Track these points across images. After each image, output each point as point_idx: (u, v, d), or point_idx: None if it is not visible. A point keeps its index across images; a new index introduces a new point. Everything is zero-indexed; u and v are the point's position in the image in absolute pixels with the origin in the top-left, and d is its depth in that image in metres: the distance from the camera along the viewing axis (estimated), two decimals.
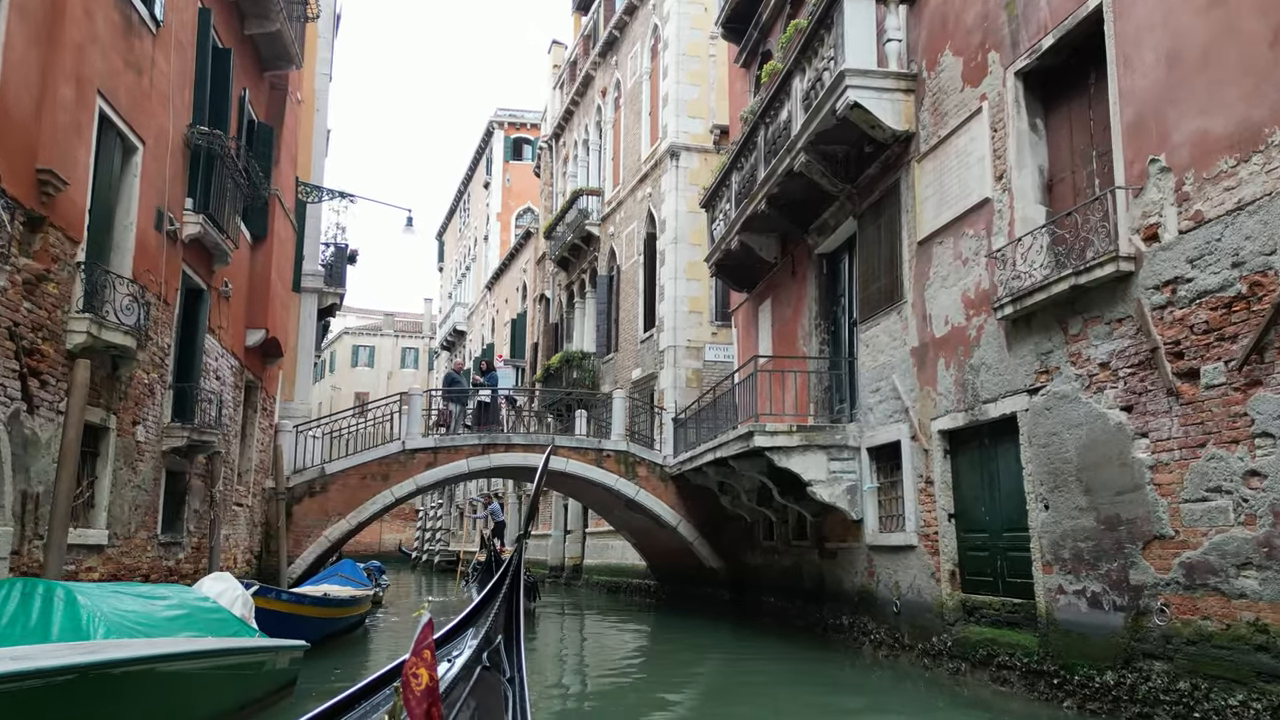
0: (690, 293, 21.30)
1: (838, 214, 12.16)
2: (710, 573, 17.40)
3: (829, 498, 11.03)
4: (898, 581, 10.07)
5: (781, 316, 14.51)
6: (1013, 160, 8.23)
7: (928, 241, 9.66)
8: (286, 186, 15.31)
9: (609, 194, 26.61)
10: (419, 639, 2.96)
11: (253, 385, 14.65)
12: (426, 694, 2.89)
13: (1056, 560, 7.40)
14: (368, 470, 16.59)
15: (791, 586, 13.70)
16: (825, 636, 12.06)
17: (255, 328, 13.80)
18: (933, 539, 9.36)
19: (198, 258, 11.10)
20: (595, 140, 28.38)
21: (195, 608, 6.45)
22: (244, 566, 14.43)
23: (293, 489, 16.17)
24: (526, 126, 45.27)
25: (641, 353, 22.84)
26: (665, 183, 21.96)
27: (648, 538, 19.48)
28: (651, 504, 17.27)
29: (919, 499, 9.66)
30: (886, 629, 10.26)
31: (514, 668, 4.51)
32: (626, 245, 24.61)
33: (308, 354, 18.83)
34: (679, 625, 16.62)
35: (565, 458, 17.20)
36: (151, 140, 9.53)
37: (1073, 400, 7.27)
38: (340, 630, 12.34)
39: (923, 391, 9.67)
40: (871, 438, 10.83)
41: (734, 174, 14.86)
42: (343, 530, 16.29)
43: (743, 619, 15.87)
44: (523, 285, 37.10)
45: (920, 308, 9.78)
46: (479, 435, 17.28)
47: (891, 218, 10.55)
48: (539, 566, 29.37)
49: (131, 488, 9.30)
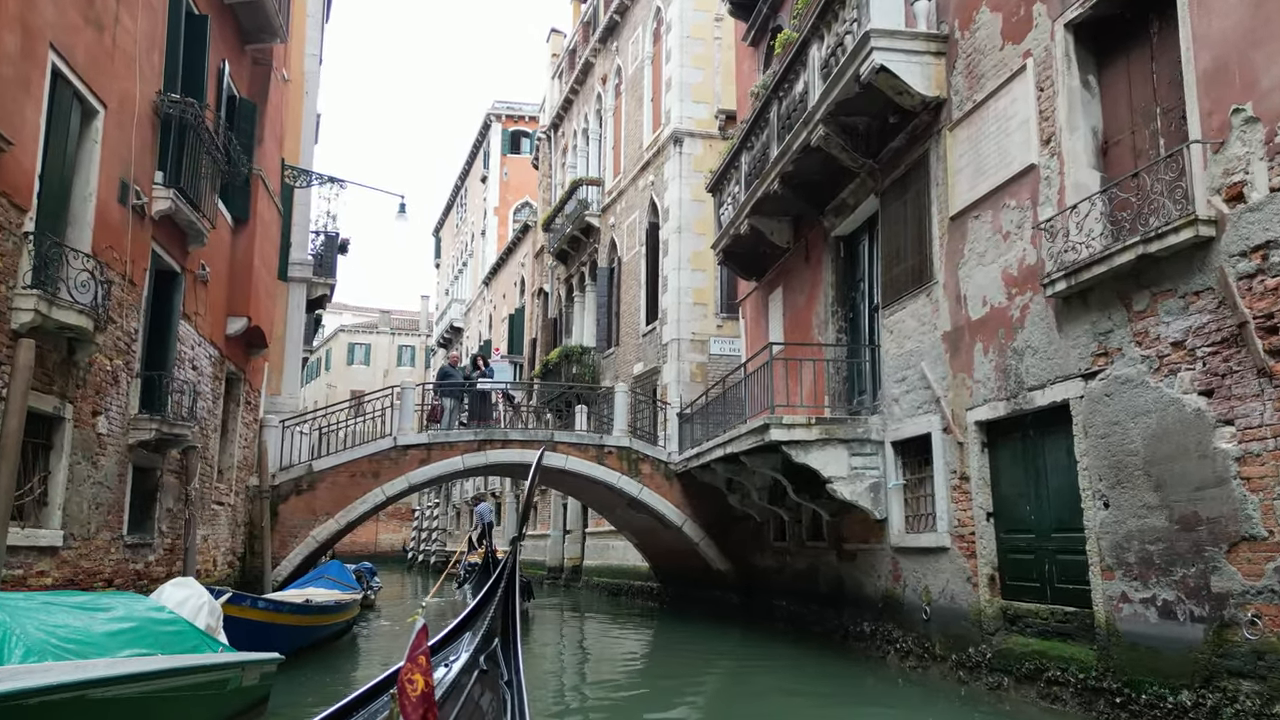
0: (695, 284, 20.50)
1: (857, 192, 11.36)
2: (717, 575, 16.61)
3: (850, 496, 10.24)
4: (927, 586, 9.28)
5: (794, 305, 13.71)
6: (1063, 121, 7.43)
7: (962, 216, 8.86)
8: (271, 168, 14.50)
9: (609, 184, 25.82)
10: (413, 645, 2.98)
11: (235, 377, 13.85)
12: (422, 700, 2.90)
13: (1119, 564, 6.60)
14: (357, 467, 15.77)
15: (806, 590, 12.91)
16: (845, 644, 11.27)
17: (236, 315, 12.99)
18: (969, 540, 8.56)
19: (170, 237, 10.29)
20: (595, 129, 27.58)
21: (146, 620, 5.64)
22: (225, 569, 13.63)
23: (278, 487, 15.37)
24: (524, 119, 44.49)
25: (643, 347, 22.04)
26: (668, 170, 21.16)
27: (651, 538, 18.68)
28: (655, 503, 16.46)
29: (952, 497, 8.87)
30: (915, 637, 9.46)
31: (511, 670, 4.49)
32: (628, 236, 23.81)
33: (296, 346, 18.02)
34: (685, 630, 15.83)
35: (565, 454, 16.40)
36: (115, 105, 8.72)
37: (1138, 385, 6.47)
38: (325, 638, 11.53)
39: (956, 379, 8.87)
40: (897, 431, 10.03)
41: (743, 154, 14.07)
42: (331, 530, 15.48)
43: (752, 624, 15.07)
44: (520, 280, 36.31)
45: (953, 288, 8.98)
46: (475, 431, 16.47)
47: (919, 193, 9.76)
48: (537, 567, 28.57)
49: (92, 484, 8.49)
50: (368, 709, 3.75)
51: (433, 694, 3.00)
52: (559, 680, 11.31)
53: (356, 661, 11.59)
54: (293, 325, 17.94)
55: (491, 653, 4.54)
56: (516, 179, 44.21)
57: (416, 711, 2.90)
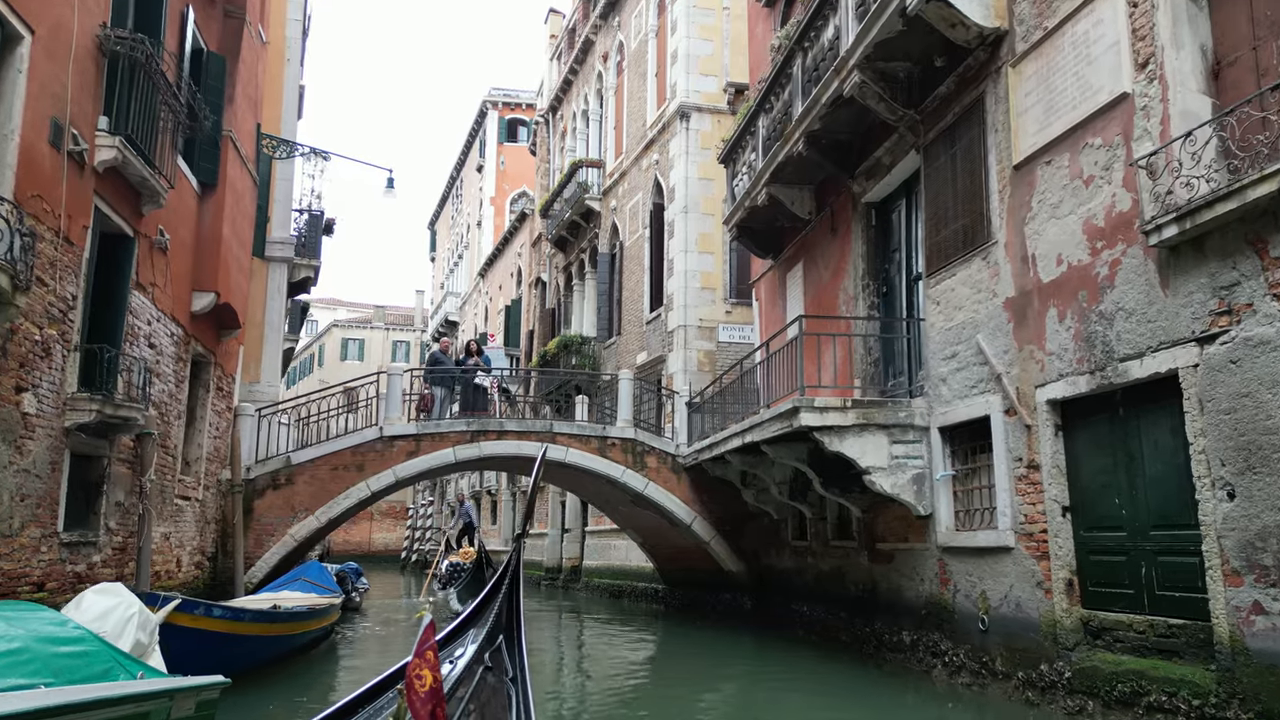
0: (702, 267, 19.29)
1: (894, 150, 10.15)
2: (728, 577, 15.39)
3: (890, 489, 9.02)
4: (984, 592, 8.07)
5: (817, 282, 12.50)
6: (1165, 39, 6.23)
7: (1029, 164, 7.66)
8: (244, 132, 13.25)
9: (611, 165, 24.60)
10: (421, 641, 3.03)
11: (203, 360, 12.62)
12: (430, 696, 2.95)
13: (1250, 568, 5.40)
14: (340, 460, 14.54)
15: (831, 594, 11.70)
16: (878, 655, 10.07)
17: (203, 290, 11.74)
18: (1038, 539, 7.36)
19: (120, 195, 9.05)
20: (595, 110, 26.37)
21: (37, 639, 4.42)
22: (192, 571, 12.40)
23: (253, 481, 14.14)
24: (522, 107, 43.30)
25: (647, 335, 20.82)
26: (674, 147, 19.95)
27: (656, 537, 17.45)
28: (662, 499, 15.24)
29: (1017, 489, 7.66)
30: (968, 650, 8.25)
31: (516, 667, 4.51)
32: (630, 219, 22.60)
33: (276, 331, 16.76)
34: (692, 635, 14.63)
35: (565, 446, 15.17)
36: (45, 32, 7.47)
37: (1277, 348, 5.27)
38: (298, 647, 10.30)
39: (1023, 352, 7.66)
40: (945, 414, 8.82)
41: (761, 117, 12.86)
42: (311, 528, 14.25)
43: (767, 630, 13.87)
44: (517, 270, 35.12)
45: (1018, 248, 7.78)
46: (467, 421, 15.23)
47: (972, 143, 8.55)
48: (534, 568, 27.36)
49: (15, 471, 7.25)
50: (375, 704, 3.76)
51: (441, 689, 2.98)
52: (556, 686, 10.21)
53: (332, 675, 10.35)
54: (272, 308, 16.69)
55: (496, 650, 4.55)
56: (514, 168, 43.03)
57: (425, 707, 2.89)
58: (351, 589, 17.40)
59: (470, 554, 20.80)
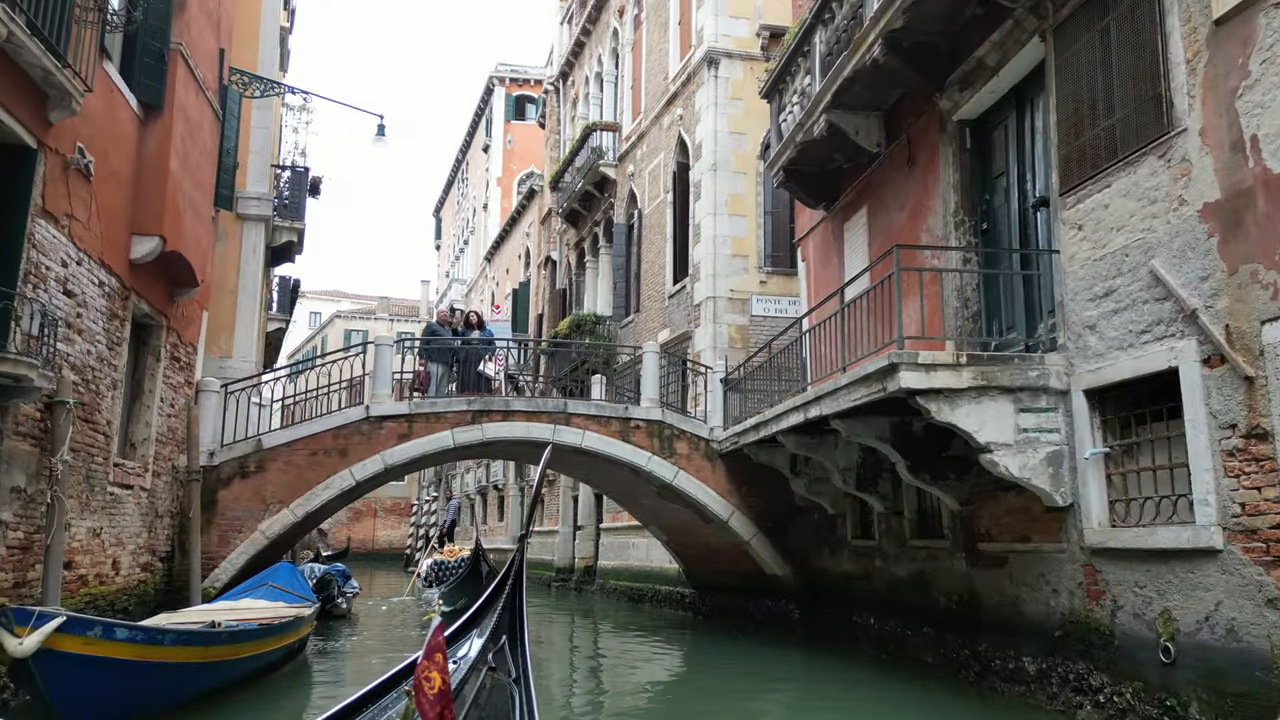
0: (733, 231, 17.13)
1: (1006, 42, 7.98)
2: (771, 581, 13.24)
3: (1019, 471, 6.86)
4: (1166, 610, 5.91)
5: (886, 228, 10.35)
6: None
7: (1242, 12, 5.49)
8: (202, 53, 11.12)
9: (628, 128, 22.46)
10: (430, 641, 2.99)
11: (152, 323, 10.54)
12: (439, 698, 2.91)
13: None
14: (320, 444, 12.44)
15: (910, 605, 9.55)
16: (983, 683, 7.93)
17: (145, 234, 9.63)
18: (1266, 538, 5.20)
19: (17, 91, 6.95)
20: (610, 70, 24.23)
21: None
22: (137, 574, 10.34)
23: (217, 469, 12.06)
24: (530, 83, 41.25)
25: (670, 310, 18.68)
26: (700, 99, 17.80)
27: (685, 535, 15.30)
28: (694, 490, 13.09)
29: (1227, 468, 5.49)
30: (1140, 689, 6.09)
31: (519, 668, 4.50)
32: (650, 184, 20.46)
33: (251, 298, 14.69)
34: (727, 647, 12.52)
35: (581, 428, 13.05)
36: None
37: None
38: (250, 673, 8.17)
39: (1236, 277, 5.49)
40: (1095, 373, 6.65)
41: (818, 31, 10.70)
42: (285, 523, 12.14)
43: (820, 643, 11.75)
44: (525, 251, 33.02)
45: (1223, 132, 5.61)
46: (468, 400, 13.11)
47: (1138, 5, 6.38)
48: (544, 567, 25.28)
49: None
50: (379, 703, 3.76)
51: (449, 691, 2.97)
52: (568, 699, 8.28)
53: (287, 712, 8.18)
54: (247, 272, 14.64)
55: (499, 650, 4.54)
56: (521, 147, 40.99)
57: (434, 709, 2.89)
58: (337, 594, 15.31)
59: (455, 552, 19.69)
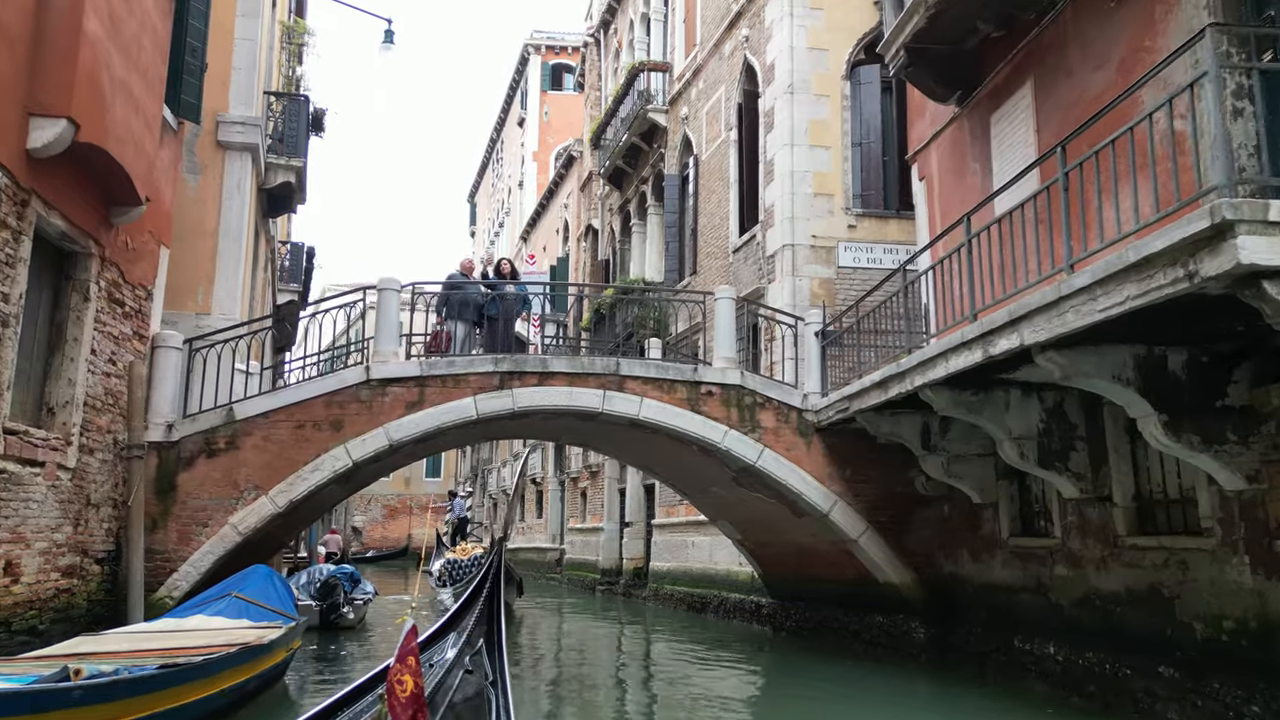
0: (815, 166, 14.22)
1: None
2: (885, 591, 10.29)
3: None
4: None
5: (1072, 100, 7.39)
6: None
7: None
8: None
9: (680, 66, 19.63)
10: (402, 646, 3.00)
11: (76, 250, 7.95)
12: (411, 701, 2.93)
13: None
14: (308, 414, 9.78)
15: (1127, 632, 6.60)
16: None
17: (45, 115, 6.98)
18: None
19: None
20: (659, 7, 21.43)
21: None
22: (55, 581, 7.73)
23: (177, 445, 9.45)
24: (567, 50, 38.62)
25: (735, 267, 15.80)
26: (770, 12, 14.93)
27: (766, 532, 12.39)
28: (784, 474, 10.20)
29: None
30: None
31: (495, 670, 4.51)
32: (709, 125, 17.60)
33: (235, 243, 12.03)
34: (822, 674, 9.65)
35: (637, 394, 10.23)
36: None
37: None
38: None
39: None
40: None
41: None
42: (264, 514, 9.46)
43: (959, 676, 8.83)
44: (564, 225, 30.37)
45: None
46: (495, 359, 10.35)
47: None
48: (588, 569, 22.57)
49: None
50: (354, 708, 3.75)
51: (422, 695, 2.99)
52: None
53: None
54: (230, 210, 11.99)
55: (476, 653, 4.57)
56: (558, 119, 38.34)
57: (406, 712, 2.90)
58: (343, 602, 12.65)
59: (468, 550, 19.57)
